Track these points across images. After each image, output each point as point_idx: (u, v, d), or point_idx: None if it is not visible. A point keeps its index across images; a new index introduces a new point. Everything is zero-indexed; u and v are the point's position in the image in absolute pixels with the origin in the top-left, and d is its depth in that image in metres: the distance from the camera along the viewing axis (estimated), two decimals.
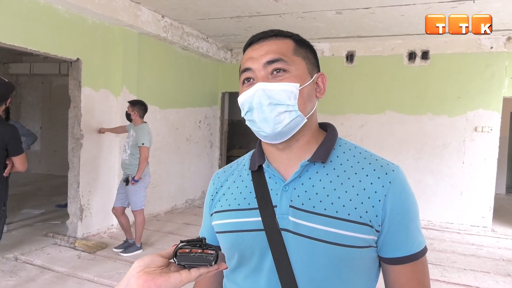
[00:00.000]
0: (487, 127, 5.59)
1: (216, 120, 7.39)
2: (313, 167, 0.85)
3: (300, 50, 0.86)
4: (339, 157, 0.86)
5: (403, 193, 0.81)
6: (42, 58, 5.72)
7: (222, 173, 1.00)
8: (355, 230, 0.78)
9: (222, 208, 0.91)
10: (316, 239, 0.78)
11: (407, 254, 0.81)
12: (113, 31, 4.77)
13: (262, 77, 0.82)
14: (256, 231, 0.83)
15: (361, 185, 0.81)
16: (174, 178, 6.18)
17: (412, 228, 0.82)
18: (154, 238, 4.73)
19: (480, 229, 5.62)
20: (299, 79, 0.82)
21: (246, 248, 0.85)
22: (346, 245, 0.77)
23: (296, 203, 0.82)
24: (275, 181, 0.86)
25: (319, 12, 4.81)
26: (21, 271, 3.58)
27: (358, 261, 0.80)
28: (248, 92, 0.82)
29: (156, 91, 5.64)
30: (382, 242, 0.81)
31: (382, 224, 0.79)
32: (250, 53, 0.86)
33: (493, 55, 5.55)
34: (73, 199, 4.50)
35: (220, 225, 0.90)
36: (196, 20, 5.43)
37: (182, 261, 0.64)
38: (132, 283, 0.62)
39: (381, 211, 0.79)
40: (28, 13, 3.78)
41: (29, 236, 4.55)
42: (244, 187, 0.91)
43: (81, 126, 4.42)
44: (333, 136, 0.89)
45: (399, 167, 0.85)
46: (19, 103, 9.49)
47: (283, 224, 0.81)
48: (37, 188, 7.48)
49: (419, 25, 5.12)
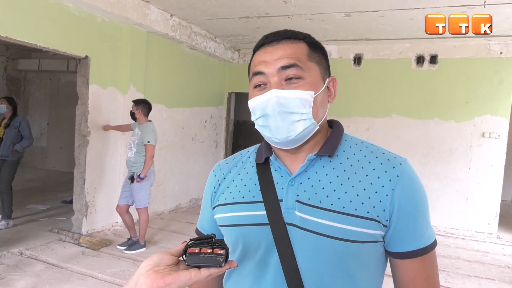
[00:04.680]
0: (495, 133, 5.55)
1: (222, 120, 7.40)
2: (320, 162, 0.83)
3: (314, 55, 0.84)
4: (345, 151, 0.85)
5: (412, 187, 0.79)
6: (50, 54, 5.76)
7: (225, 164, 0.97)
8: (362, 226, 0.76)
9: (226, 201, 0.89)
10: (323, 235, 0.77)
11: (415, 248, 0.79)
12: (121, 30, 4.79)
13: (276, 83, 0.79)
14: (261, 225, 0.82)
15: (368, 179, 0.79)
16: (179, 177, 6.19)
17: (421, 222, 0.80)
18: (158, 237, 4.74)
19: (485, 235, 5.58)
20: (313, 86, 0.80)
21: (251, 242, 0.83)
22: (353, 241, 0.76)
23: (303, 197, 0.81)
24: (281, 175, 0.85)
25: (327, 14, 4.80)
26: (26, 266, 3.60)
27: (364, 256, 0.79)
28: (260, 98, 0.80)
29: (163, 90, 5.65)
30: (390, 237, 0.79)
31: (390, 219, 0.78)
32: (263, 56, 0.83)
33: (502, 60, 5.50)
34: (79, 195, 4.53)
35: (224, 218, 0.88)
36: (204, 20, 5.44)
37: (192, 262, 0.63)
38: (141, 282, 0.61)
39: (389, 205, 0.77)
40: (39, 10, 3.81)
41: (34, 231, 4.58)
42: (249, 180, 0.89)
43: (88, 123, 4.45)
44: (339, 131, 0.88)
45: (406, 160, 0.83)
46: (27, 99, 9.56)
47: (289, 219, 0.80)
48: (43, 184, 7.53)
49: None
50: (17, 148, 4.63)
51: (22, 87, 9.56)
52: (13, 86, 9.35)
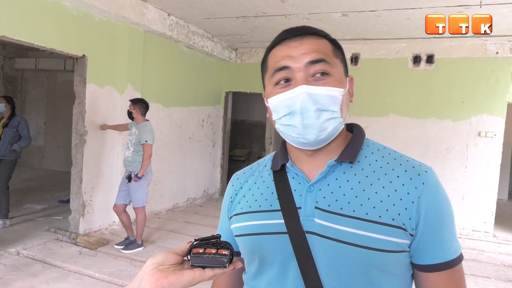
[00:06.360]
0: (491, 132, 5.58)
1: (219, 119, 7.40)
2: (340, 168, 0.80)
3: (338, 52, 0.81)
4: (367, 157, 0.81)
5: (437, 195, 0.76)
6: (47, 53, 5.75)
7: (242, 174, 0.95)
8: (387, 233, 0.73)
9: (242, 210, 0.86)
10: (345, 242, 0.73)
11: (442, 261, 0.75)
12: (119, 29, 4.78)
13: (303, 78, 0.75)
14: (278, 234, 0.79)
15: (392, 186, 0.76)
16: (176, 176, 6.19)
17: (448, 233, 0.76)
18: (155, 236, 4.74)
19: (481, 234, 5.61)
20: (340, 84, 0.77)
21: (268, 252, 0.80)
22: (378, 249, 0.72)
23: (322, 204, 0.77)
24: (299, 182, 0.82)
25: (325, 14, 4.81)
26: (23, 266, 3.60)
27: (390, 267, 0.75)
28: (287, 94, 0.75)
29: (160, 89, 5.65)
30: (415, 247, 0.75)
31: (416, 228, 0.74)
32: (287, 50, 0.77)
33: (499, 60, 5.53)
34: (76, 195, 4.52)
35: (240, 227, 0.85)
36: (202, 19, 5.44)
37: (196, 262, 0.63)
38: (145, 281, 0.61)
39: (415, 213, 0.74)
40: (36, 9, 3.80)
41: (31, 231, 4.57)
42: (265, 188, 0.86)
43: (85, 123, 4.44)
44: (360, 136, 0.85)
45: (431, 168, 0.80)
46: (23, 98, 9.53)
47: (307, 227, 0.77)
48: (40, 183, 7.51)
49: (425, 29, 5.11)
50: (15, 147, 4.62)
51: (19, 86, 9.53)
52: (10, 85, 9.32)
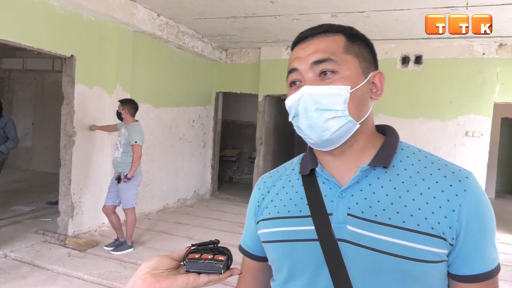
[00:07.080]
0: (478, 132, 5.66)
1: (210, 119, 7.39)
2: (374, 173, 0.76)
3: (353, 47, 0.78)
4: (402, 161, 0.77)
5: (480, 203, 0.72)
6: (35, 53, 5.68)
7: (269, 178, 0.92)
8: (427, 243, 0.69)
9: (270, 215, 0.84)
10: (382, 252, 0.69)
11: (481, 272, 0.71)
12: (108, 29, 4.75)
13: (309, 79, 0.75)
14: (309, 241, 0.76)
15: (430, 192, 0.72)
16: (167, 177, 6.17)
17: (488, 243, 0.72)
18: (145, 237, 4.72)
19: None
20: (350, 81, 0.75)
21: (298, 260, 0.77)
22: (417, 260, 0.68)
23: (355, 211, 0.74)
24: (330, 187, 0.78)
25: (314, 15, 4.84)
26: (10, 269, 3.55)
27: (430, 278, 0.71)
28: (294, 96, 0.76)
29: (150, 90, 5.63)
30: (454, 257, 0.72)
31: (457, 238, 0.70)
32: (297, 52, 0.79)
33: (485, 61, 5.62)
34: (64, 196, 4.48)
35: (268, 233, 0.83)
36: (192, 19, 5.43)
37: (191, 268, 0.62)
38: (138, 285, 0.60)
39: (456, 222, 0.70)
40: (24, 8, 3.76)
41: (19, 233, 4.51)
42: (294, 193, 0.83)
43: (74, 123, 4.40)
44: (394, 139, 0.81)
45: (471, 173, 0.76)
46: (10, 99, 9.40)
47: (339, 234, 0.74)
48: (28, 185, 7.42)
49: (413, 30, 5.18)
50: (2, 149, 4.56)
51: (6, 86, 9.40)
52: None
